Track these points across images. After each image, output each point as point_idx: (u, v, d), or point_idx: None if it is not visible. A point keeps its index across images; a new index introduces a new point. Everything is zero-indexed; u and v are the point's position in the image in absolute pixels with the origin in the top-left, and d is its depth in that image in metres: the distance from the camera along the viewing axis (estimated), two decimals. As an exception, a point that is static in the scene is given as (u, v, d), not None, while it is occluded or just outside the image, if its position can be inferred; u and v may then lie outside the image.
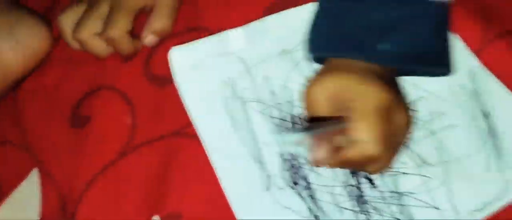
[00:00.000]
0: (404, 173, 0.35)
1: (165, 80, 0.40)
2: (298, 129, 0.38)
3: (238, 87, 0.39)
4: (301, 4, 0.40)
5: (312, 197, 0.35)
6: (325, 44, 0.35)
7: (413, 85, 0.37)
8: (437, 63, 0.35)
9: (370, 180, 0.35)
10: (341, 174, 0.36)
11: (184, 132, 0.38)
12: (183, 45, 0.40)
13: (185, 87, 0.39)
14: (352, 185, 0.35)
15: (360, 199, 0.35)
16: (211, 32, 0.41)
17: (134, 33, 0.40)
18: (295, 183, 0.36)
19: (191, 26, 0.42)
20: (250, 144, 0.37)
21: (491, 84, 0.37)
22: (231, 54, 0.40)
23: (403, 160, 0.35)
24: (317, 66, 0.37)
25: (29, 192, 0.40)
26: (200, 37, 0.41)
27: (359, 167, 0.33)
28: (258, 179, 0.36)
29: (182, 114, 0.38)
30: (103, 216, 0.36)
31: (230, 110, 0.38)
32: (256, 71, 0.40)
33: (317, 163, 0.32)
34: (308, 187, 0.36)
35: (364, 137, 0.30)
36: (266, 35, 0.41)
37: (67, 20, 0.41)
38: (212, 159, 0.37)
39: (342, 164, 0.32)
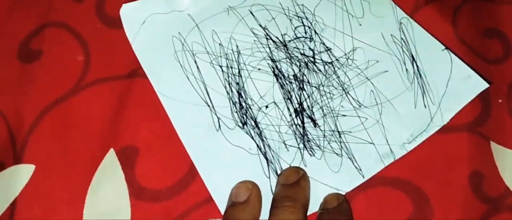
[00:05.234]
0: (343, 115, 0.39)
1: (119, 22, 0.41)
2: None
3: (187, 41, 0.41)
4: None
5: (260, 135, 0.37)
6: None
7: (351, 38, 0.41)
8: None
9: (313, 120, 0.38)
10: (287, 114, 0.38)
11: (138, 72, 0.39)
12: (134, 3, 0.42)
13: (137, 43, 0.40)
14: (297, 125, 0.38)
15: (304, 138, 0.38)
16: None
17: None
18: (244, 124, 0.38)
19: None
20: (199, 90, 0.39)
21: (416, 31, 0.41)
22: (180, 11, 0.42)
23: (343, 105, 0.39)
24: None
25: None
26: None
27: None
28: (209, 121, 0.38)
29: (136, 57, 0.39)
30: (54, 148, 0.35)
31: (180, 61, 0.40)
32: (204, 26, 0.42)
33: None
34: (256, 126, 0.38)
35: None
36: None
37: None
38: (164, 104, 0.38)
39: None
